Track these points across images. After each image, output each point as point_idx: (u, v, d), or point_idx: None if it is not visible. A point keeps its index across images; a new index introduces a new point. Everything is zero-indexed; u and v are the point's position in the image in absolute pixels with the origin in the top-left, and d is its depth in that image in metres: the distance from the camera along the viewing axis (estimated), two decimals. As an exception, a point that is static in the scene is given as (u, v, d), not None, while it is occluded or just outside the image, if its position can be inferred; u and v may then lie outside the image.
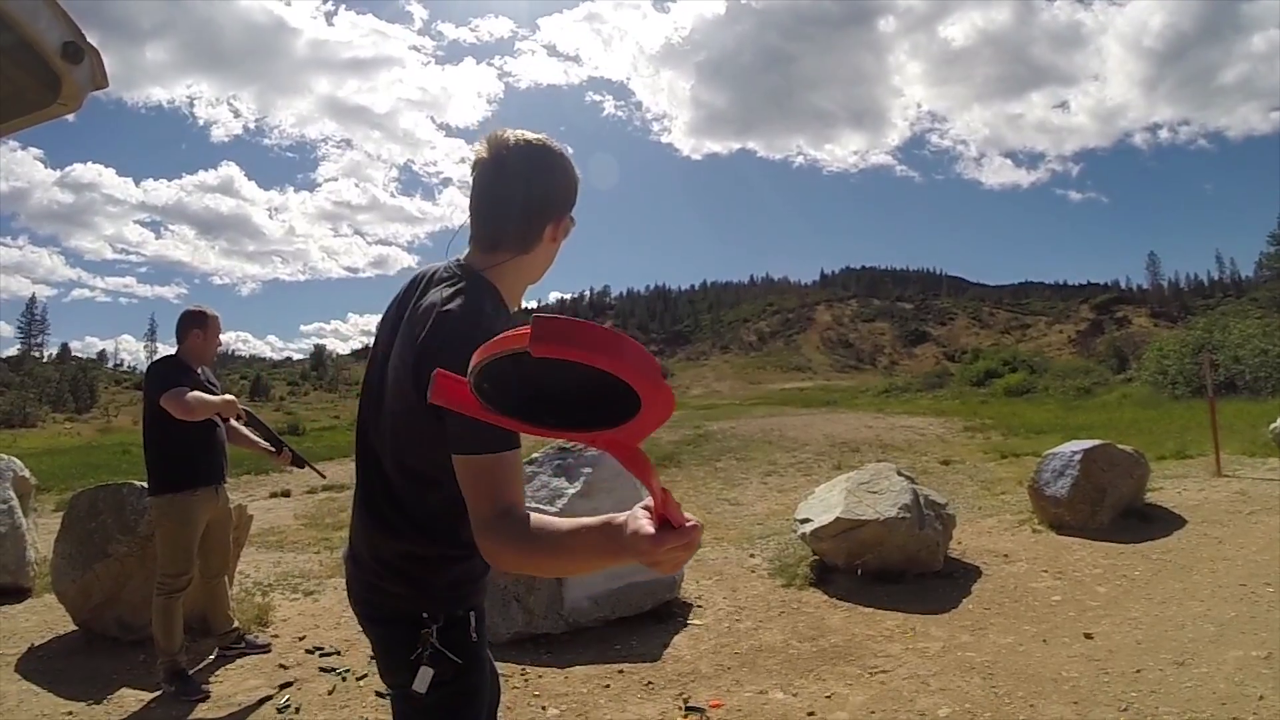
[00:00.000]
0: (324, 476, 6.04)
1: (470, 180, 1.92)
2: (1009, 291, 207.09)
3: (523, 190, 1.87)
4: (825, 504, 7.43)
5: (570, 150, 1.96)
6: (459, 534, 1.73)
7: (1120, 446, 9.34)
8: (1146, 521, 8.90)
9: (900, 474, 7.64)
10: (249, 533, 7.15)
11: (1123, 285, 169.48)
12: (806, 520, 7.38)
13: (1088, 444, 9.13)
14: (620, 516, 1.41)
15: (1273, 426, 13.97)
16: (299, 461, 5.44)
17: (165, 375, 4.99)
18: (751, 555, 8.37)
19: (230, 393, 5.39)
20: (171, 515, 5.06)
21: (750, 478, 14.56)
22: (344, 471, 13.85)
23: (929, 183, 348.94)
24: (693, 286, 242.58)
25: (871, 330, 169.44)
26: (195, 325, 5.29)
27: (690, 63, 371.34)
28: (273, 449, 5.41)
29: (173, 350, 5.37)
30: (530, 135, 1.90)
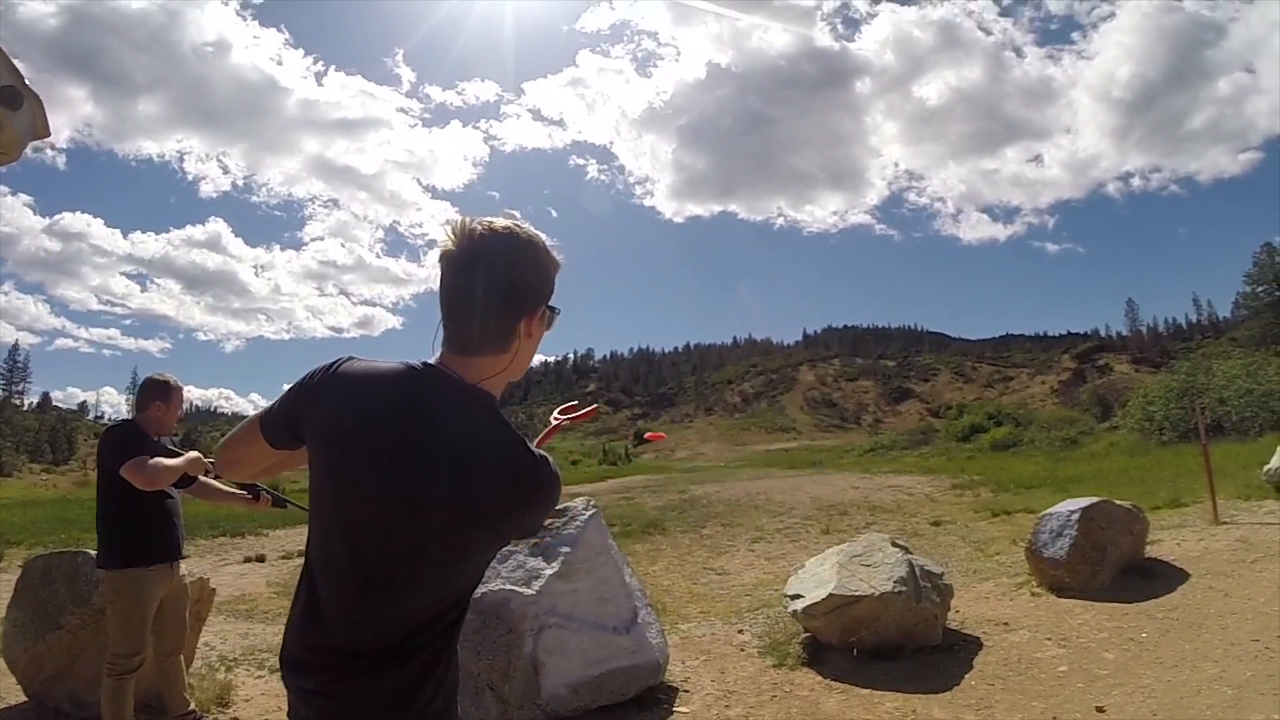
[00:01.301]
0: (307, 510, 5.70)
1: (438, 272, 1.77)
2: (990, 345, 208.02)
3: (495, 286, 1.73)
4: (817, 578, 7.08)
5: (546, 237, 1.82)
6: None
7: (1118, 502, 9.07)
8: (1148, 578, 8.58)
9: (894, 545, 7.32)
10: (211, 606, 6.77)
11: (1103, 333, 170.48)
12: (798, 596, 7.04)
13: (1084, 502, 8.84)
14: None
15: (1267, 468, 13.74)
16: (279, 502, 5.16)
17: (125, 443, 4.69)
18: (740, 631, 7.99)
19: (200, 449, 5.08)
20: (123, 592, 4.76)
21: (737, 545, 14.18)
22: None
23: (908, 240, 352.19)
24: (676, 349, 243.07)
25: (855, 389, 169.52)
26: (158, 396, 5.04)
27: (672, 127, 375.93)
28: (249, 496, 5.08)
29: (130, 416, 5.10)
30: (499, 223, 1.76)
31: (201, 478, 4.93)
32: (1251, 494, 13.52)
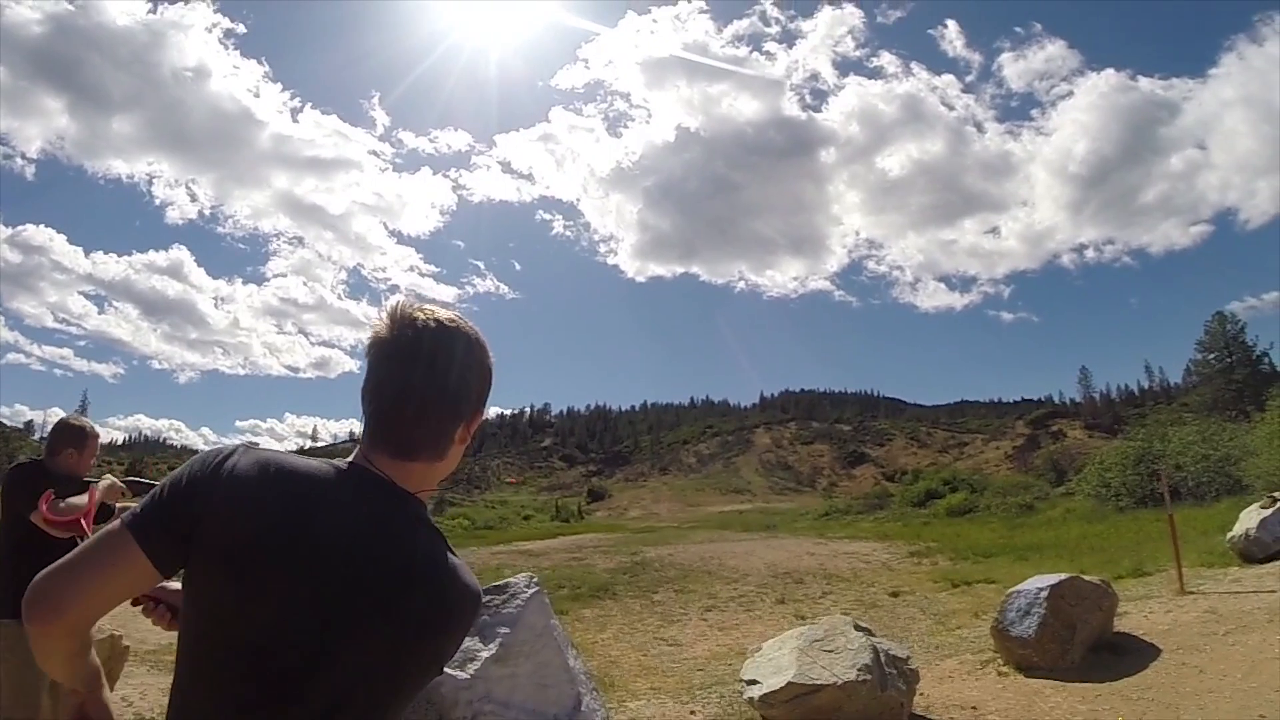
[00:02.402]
0: None
1: (367, 360, 1.58)
2: (945, 411, 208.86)
3: (442, 387, 1.56)
4: (775, 664, 6.65)
5: (483, 336, 1.66)
6: None
7: (1086, 578, 8.76)
8: (1118, 655, 8.26)
9: (857, 628, 6.93)
10: (123, 665, 6.14)
11: (1056, 400, 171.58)
12: (754, 682, 6.62)
13: (1053, 579, 8.51)
14: None
15: (1230, 535, 13.56)
16: None
17: (40, 486, 4.19)
18: (693, 712, 7.53)
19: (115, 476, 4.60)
20: (16, 650, 4.15)
21: (690, 613, 13.75)
22: None
23: (866, 307, 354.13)
24: (633, 407, 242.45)
25: (810, 452, 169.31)
26: (71, 443, 4.67)
27: (639, 187, 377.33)
28: None
29: (39, 458, 4.72)
30: (444, 314, 1.60)
31: (120, 504, 4.43)
32: (1215, 561, 13.33)
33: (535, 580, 6.08)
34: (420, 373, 1.53)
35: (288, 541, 1.42)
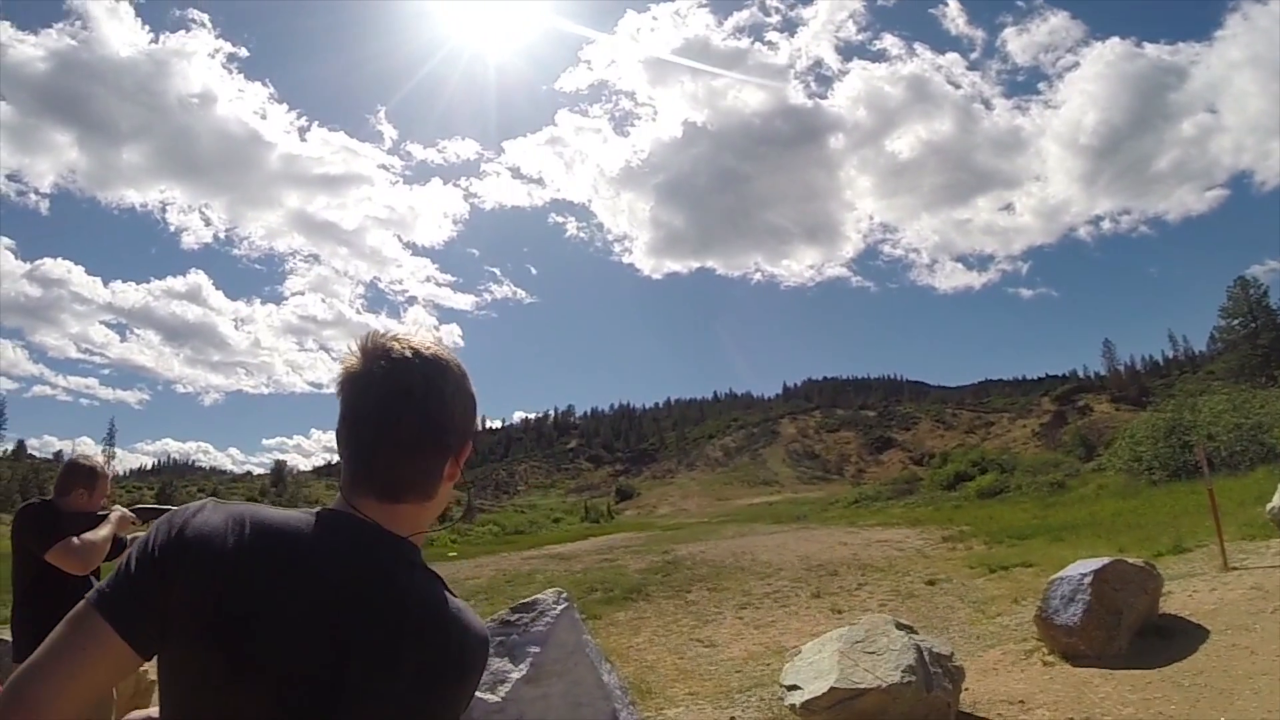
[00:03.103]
0: None
1: (339, 398, 1.45)
2: (970, 391, 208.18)
3: (427, 422, 1.43)
4: (815, 668, 6.46)
5: (463, 364, 1.53)
6: None
7: (1129, 561, 8.55)
8: (1166, 638, 8.03)
9: (899, 627, 6.72)
10: (151, 700, 6.02)
11: (1081, 374, 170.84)
12: (795, 687, 6.42)
13: (1096, 564, 8.30)
14: None
15: (1270, 506, 13.22)
16: None
17: (54, 525, 4.27)
18: (732, 718, 7.37)
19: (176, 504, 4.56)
20: None
21: (724, 611, 13.55)
22: None
23: (884, 292, 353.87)
24: (657, 405, 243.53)
25: (837, 440, 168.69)
26: (81, 483, 4.59)
27: (649, 184, 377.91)
28: None
29: (49, 497, 4.61)
30: (422, 343, 1.47)
31: (131, 534, 4.53)
32: (1255, 533, 13.03)
33: (565, 595, 5.92)
34: (400, 407, 1.40)
35: (273, 605, 1.27)
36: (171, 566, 1.29)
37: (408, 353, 1.43)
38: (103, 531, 4.32)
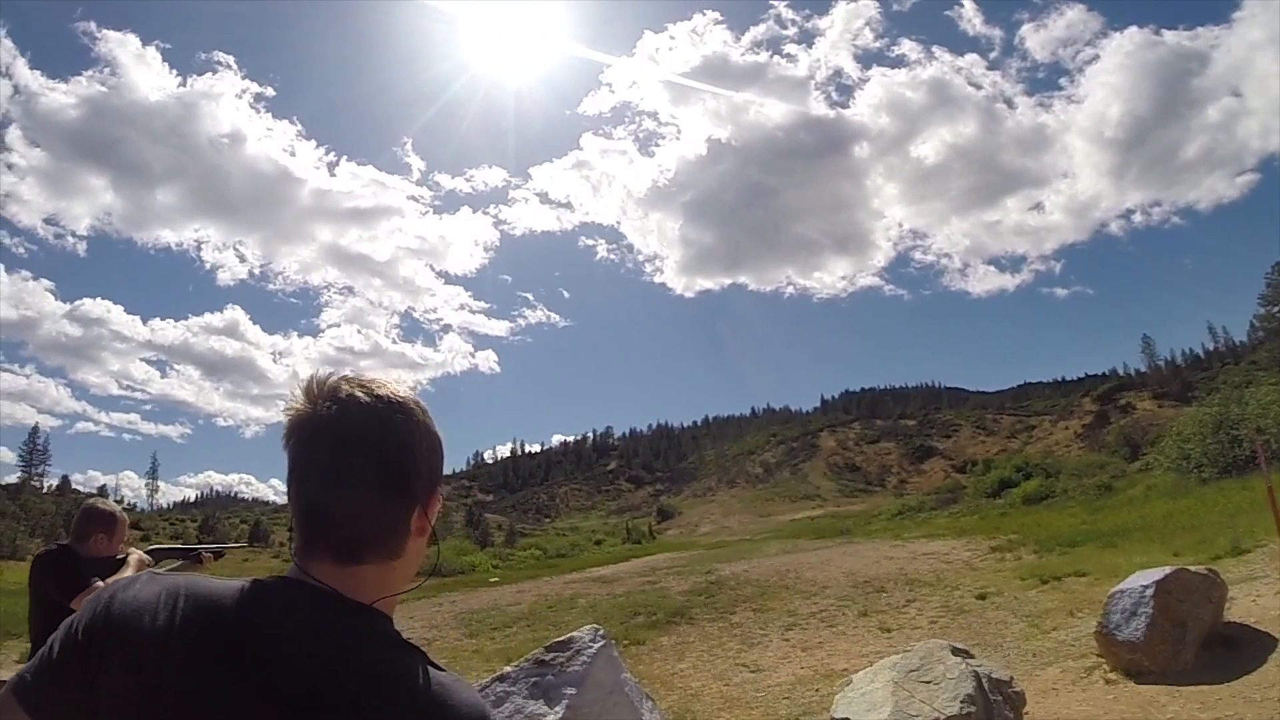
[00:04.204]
0: (243, 546, 5.15)
1: (286, 449, 1.25)
2: (1009, 395, 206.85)
3: (382, 468, 1.22)
4: (868, 699, 6.16)
5: (423, 401, 1.33)
6: None
7: (1192, 569, 8.24)
8: (1233, 649, 7.72)
9: (955, 652, 6.40)
10: None
11: (1121, 372, 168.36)
12: (846, 721, 6.10)
13: (1157, 574, 7.99)
14: None
15: None
16: (218, 553, 4.86)
17: (75, 571, 4.25)
18: (781, 751, 7.09)
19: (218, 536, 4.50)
20: None
21: (770, 633, 13.29)
22: None
23: (917, 299, 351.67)
24: (695, 423, 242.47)
25: (877, 451, 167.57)
26: (101, 528, 4.57)
27: (677, 203, 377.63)
28: (193, 560, 4.79)
29: (66, 542, 4.64)
30: (374, 383, 1.28)
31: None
32: (1317, 532, 12.57)
33: (601, 633, 5.68)
34: (352, 453, 1.20)
35: (211, 695, 1.07)
36: (95, 651, 1.13)
37: (358, 392, 1.24)
38: (126, 575, 4.12)
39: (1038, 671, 8.41)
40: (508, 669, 5.55)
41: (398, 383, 1.30)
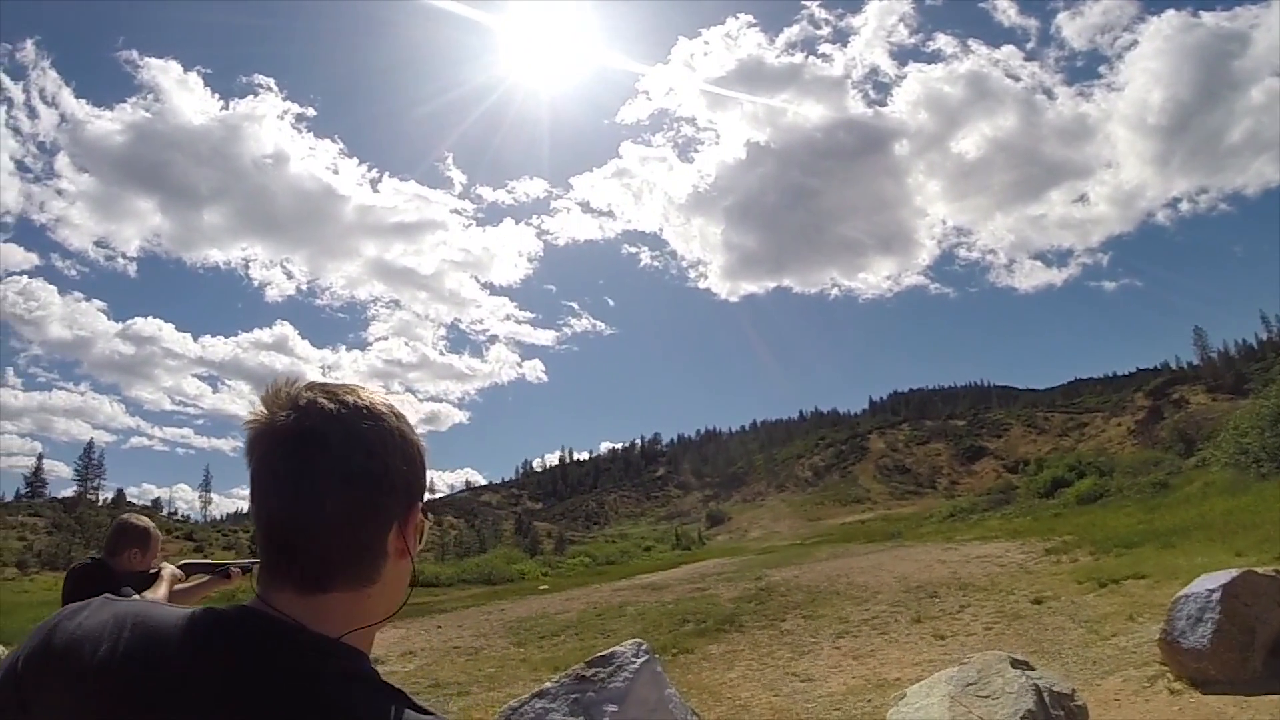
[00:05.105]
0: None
1: (248, 465, 1.10)
2: (1060, 392, 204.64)
3: (347, 480, 1.06)
4: (923, 715, 5.95)
5: (401, 407, 1.17)
6: None
7: (1260, 571, 7.91)
8: (1303, 657, 7.36)
9: (1014, 665, 6.14)
10: None
11: (1173, 365, 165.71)
12: (899, 738, 5.88)
13: (1222, 577, 7.69)
14: None
15: None
16: (246, 568, 4.67)
17: (109, 586, 3.95)
18: (832, 766, 6.89)
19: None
20: None
21: (821, 641, 13.09)
22: (382, 640, 12.79)
23: (964, 297, 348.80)
24: (743, 427, 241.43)
25: (927, 452, 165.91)
26: (136, 544, 4.56)
27: (719, 208, 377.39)
28: (221, 575, 4.68)
29: (99, 556, 4.67)
30: (339, 389, 1.13)
31: (176, 588, 4.47)
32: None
33: (645, 647, 5.51)
34: (315, 467, 1.05)
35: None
36: (32, 682, 1.03)
37: (320, 398, 1.09)
38: (160, 590, 4.26)
39: (1098, 681, 8.14)
40: (547, 684, 5.41)
41: (366, 387, 1.16)
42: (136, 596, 4.02)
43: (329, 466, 1.05)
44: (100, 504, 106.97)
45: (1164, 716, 6.72)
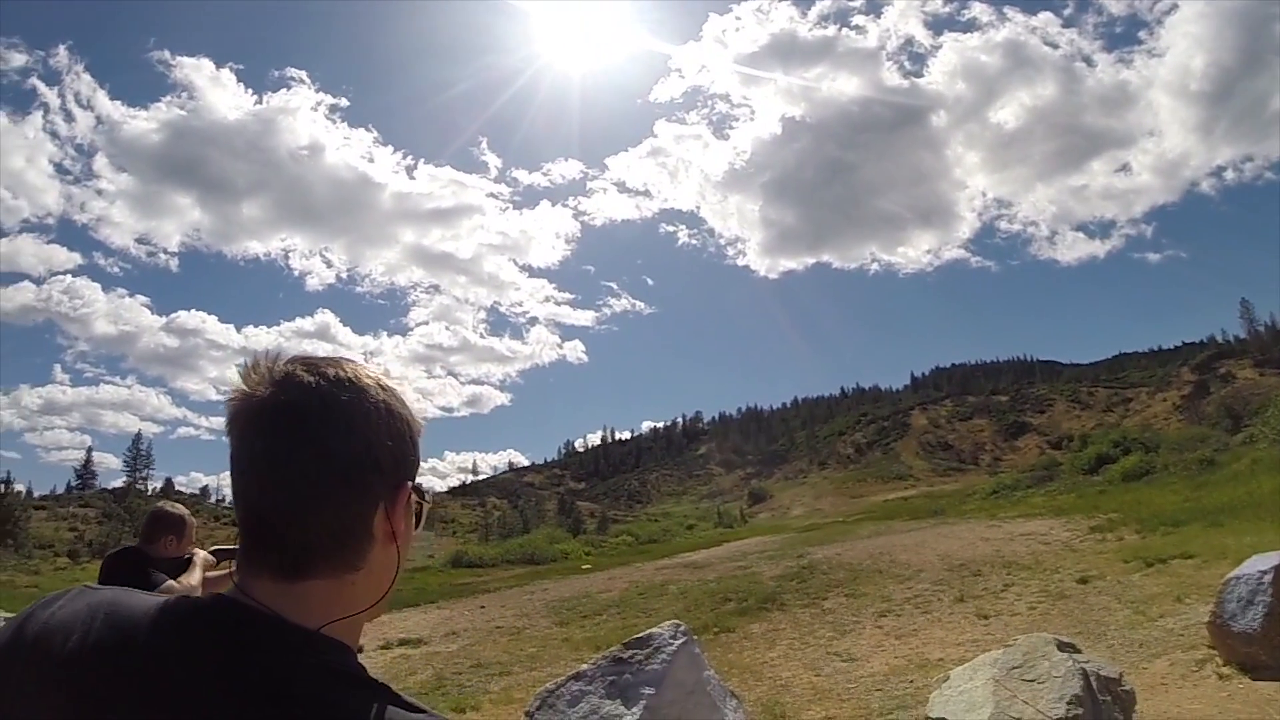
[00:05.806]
0: None
1: (229, 442, 1.03)
2: (1104, 367, 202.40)
3: (326, 456, 0.98)
4: (967, 699, 5.84)
5: (391, 380, 1.12)
6: None
7: (1313, 549, 7.71)
8: (1357, 640, 7.20)
9: (1060, 648, 6.03)
10: None
11: (1219, 339, 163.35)
12: (943, 722, 5.81)
13: (1275, 558, 7.57)
14: None
15: None
16: None
17: (145, 572, 4.27)
18: (876, 748, 6.84)
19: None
20: None
21: (863, 620, 13.03)
22: (426, 621, 12.78)
23: (1005, 270, 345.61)
24: (784, 405, 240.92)
25: (969, 428, 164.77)
26: (171, 531, 4.59)
27: (755, 184, 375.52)
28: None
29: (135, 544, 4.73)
30: (320, 362, 1.06)
31: (209, 574, 4.51)
32: None
33: (683, 629, 5.47)
34: (291, 443, 0.99)
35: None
36: (2, 674, 0.99)
37: (299, 371, 1.02)
38: (195, 575, 4.33)
39: (1145, 664, 8.02)
40: (584, 667, 5.39)
41: (351, 360, 1.10)
42: (171, 582, 4.15)
43: (305, 446, 0.99)
44: (149, 493, 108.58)
45: (1213, 702, 6.59)
